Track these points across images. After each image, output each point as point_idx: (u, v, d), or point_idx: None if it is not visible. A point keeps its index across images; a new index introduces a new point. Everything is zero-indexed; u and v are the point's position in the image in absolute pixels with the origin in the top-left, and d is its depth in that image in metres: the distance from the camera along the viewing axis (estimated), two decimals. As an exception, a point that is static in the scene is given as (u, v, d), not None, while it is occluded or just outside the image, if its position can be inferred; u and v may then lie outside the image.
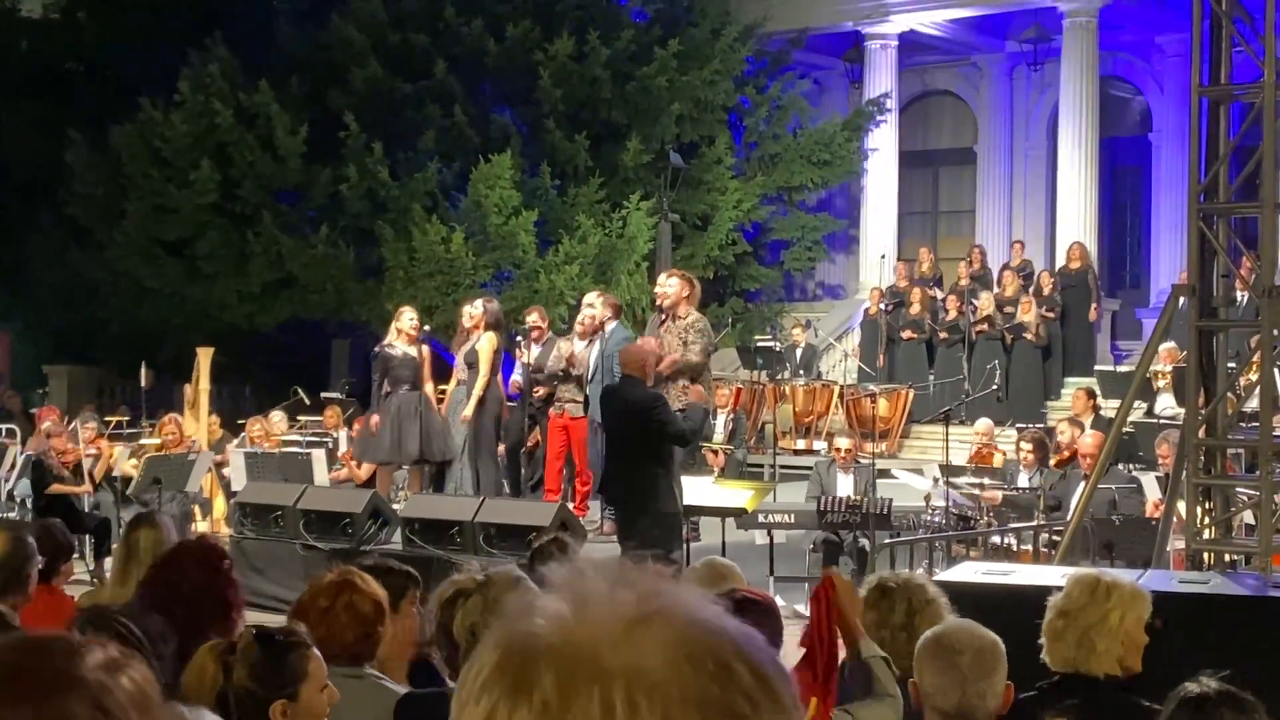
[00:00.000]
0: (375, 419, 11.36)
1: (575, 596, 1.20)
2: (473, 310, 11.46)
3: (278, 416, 14.02)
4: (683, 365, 9.96)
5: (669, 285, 10.33)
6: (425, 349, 11.66)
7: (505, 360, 11.72)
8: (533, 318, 11.77)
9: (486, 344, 11.21)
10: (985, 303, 17.86)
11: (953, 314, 18.13)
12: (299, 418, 14.80)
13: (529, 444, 12.04)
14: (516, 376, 11.54)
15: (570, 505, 10.50)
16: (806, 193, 21.53)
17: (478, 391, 11.09)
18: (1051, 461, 11.04)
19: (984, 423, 13.04)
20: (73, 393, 20.46)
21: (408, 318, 11.63)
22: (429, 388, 11.62)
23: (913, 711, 3.62)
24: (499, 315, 11.65)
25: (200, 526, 12.41)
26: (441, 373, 12.57)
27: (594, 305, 11.24)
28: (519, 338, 11.72)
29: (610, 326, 10.99)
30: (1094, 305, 18.43)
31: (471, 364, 11.23)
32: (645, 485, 8.20)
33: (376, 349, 11.73)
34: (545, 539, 5.33)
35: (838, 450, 10.96)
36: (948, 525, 9.94)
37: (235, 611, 4.17)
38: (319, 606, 3.76)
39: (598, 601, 1.19)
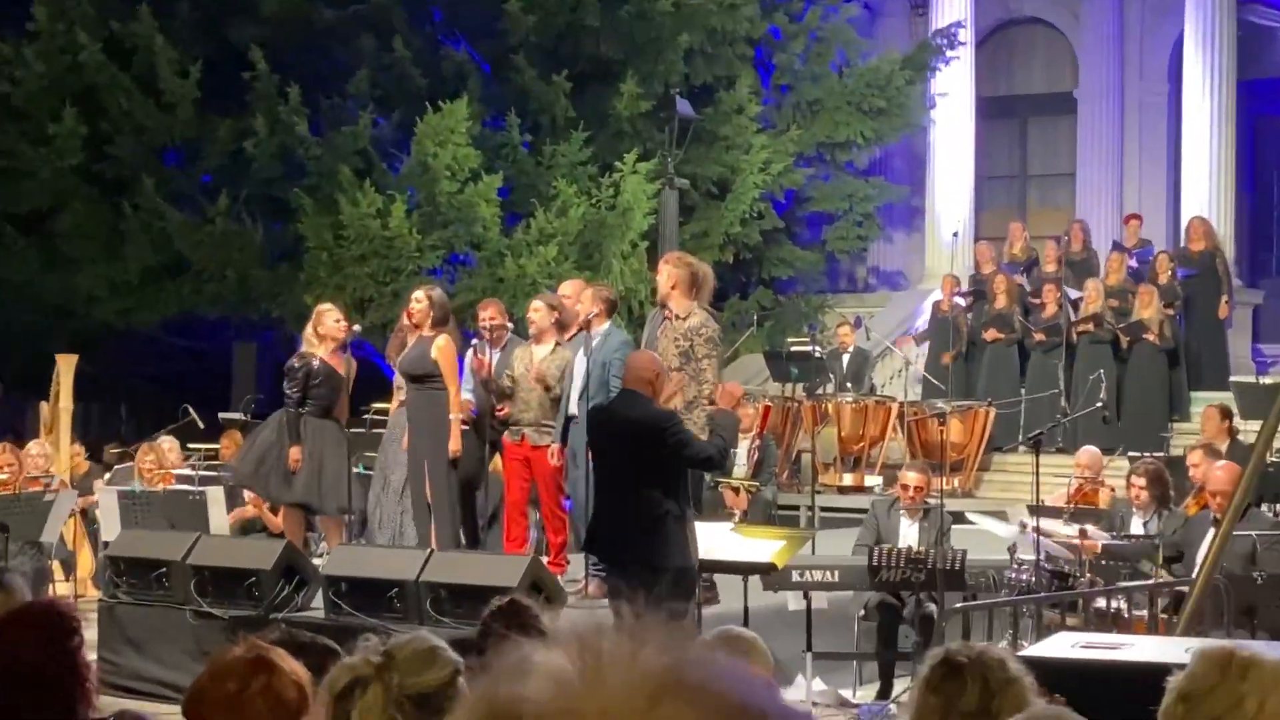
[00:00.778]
0: (296, 452, 11.34)
1: (587, 656, 1.19)
2: (416, 304, 11.46)
3: (169, 443, 14.02)
4: (699, 396, 9.84)
5: (659, 274, 10.31)
6: (351, 361, 11.66)
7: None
8: (487, 314, 11.75)
9: (447, 347, 11.19)
10: (1092, 294, 17.84)
11: (1050, 309, 18.13)
12: (190, 445, 14.81)
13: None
14: (468, 394, 11.56)
15: (544, 559, 10.51)
16: (856, 151, 21.54)
17: (456, 415, 11.07)
18: (1185, 504, 11.03)
19: (1087, 452, 13.06)
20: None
21: (331, 319, 11.62)
22: (342, 409, 11.62)
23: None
24: (448, 309, 11.65)
25: (60, 588, 12.41)
26: (373, 387, 12.57)
27: (539, 308, 11.23)
28: (475, 340, 11.71)
29: (602, 328, 10.97)
30: (1224, 298, 18.45)
31: (420, 375, 11.21)
32: (650, 531, 8.20)
33: (295, 360, 11.69)
34: (495, 604, 5.28)
35: (904, 488, 10.96)
36: (1039, 585, 9.95)
37: (82, 705, 4.08)
38: (226, 692, 3.66)
39: (615, 665, 1.18)
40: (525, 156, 19.01)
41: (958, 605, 9.57)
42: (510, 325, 12.12)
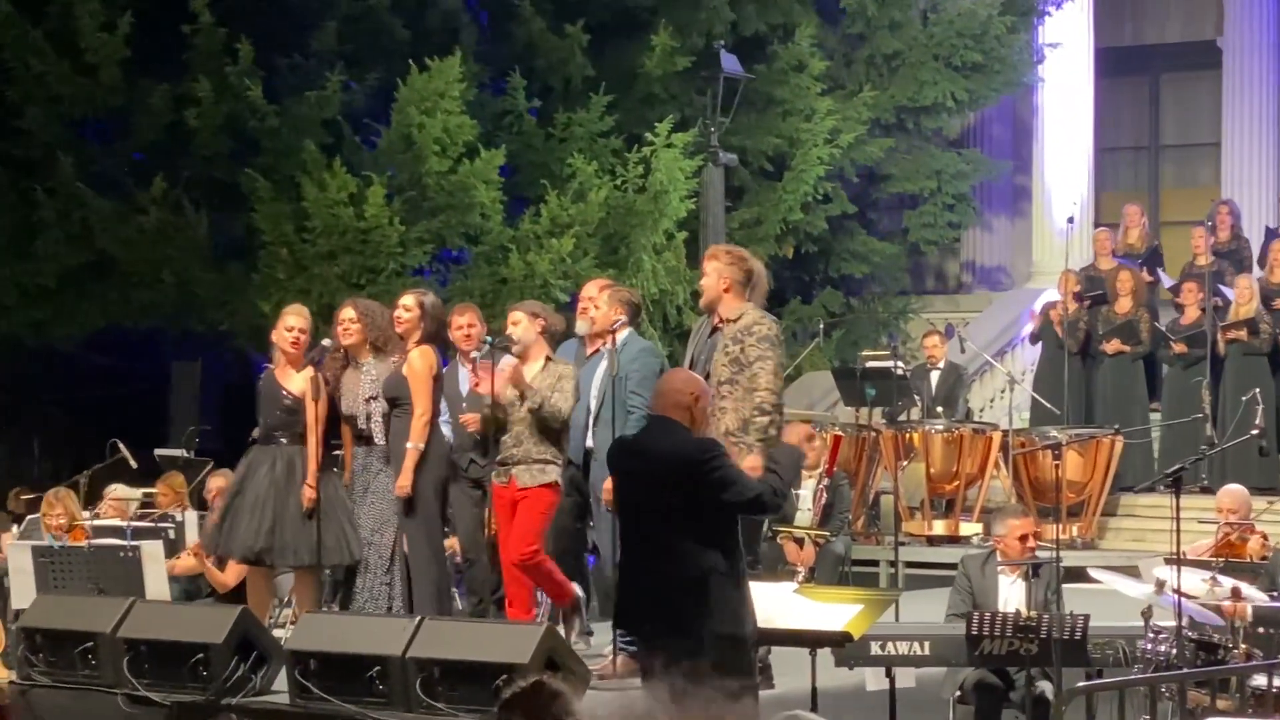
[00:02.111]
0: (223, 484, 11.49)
1: None
2: (405, 312, 11.47)
3: (116, 491, 14.03)
4: (755, 412, 9.75)
5: (704, 273, 10.28)
6: (313, 377, 11.67)
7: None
8: (465, 319, 11.78)
9: (420, 358, 11.19)
10: (1244, 293, 17.80)
11: (1190, 312, 18.09)
12: (122, 490, 14.87)
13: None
14: (447, 427, 11.60)
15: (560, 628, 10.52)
16: (945, 117, 21.54)
17: (416, 444, 11.08)
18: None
19: (1229, 492, 13.01)
20: None
21: (285, 324, 11.67)
22: (313, 437, 11.64)
23: None
24: (443, 320, 11.66)
25: (-39, 668, 12.46)
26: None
27: (520, 320, 11.19)
28: (474, 354, 11.70)
29: (621, 336, 11.00)
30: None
31: (397, 398, 11.24)
32: (690, 593, 8.19)
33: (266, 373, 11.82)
34: (519, 686, 5.31)
35: (1022, 538, 10.95)
36: (1181, 658, 9.93)
37: None
38: None
39: None
40: (533, 127, 19.02)
41: (1080, 685, 9.55)
42: (484, 331, 12.14)
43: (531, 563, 10.86)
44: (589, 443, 11.11)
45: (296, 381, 11.58)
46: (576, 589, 11.17)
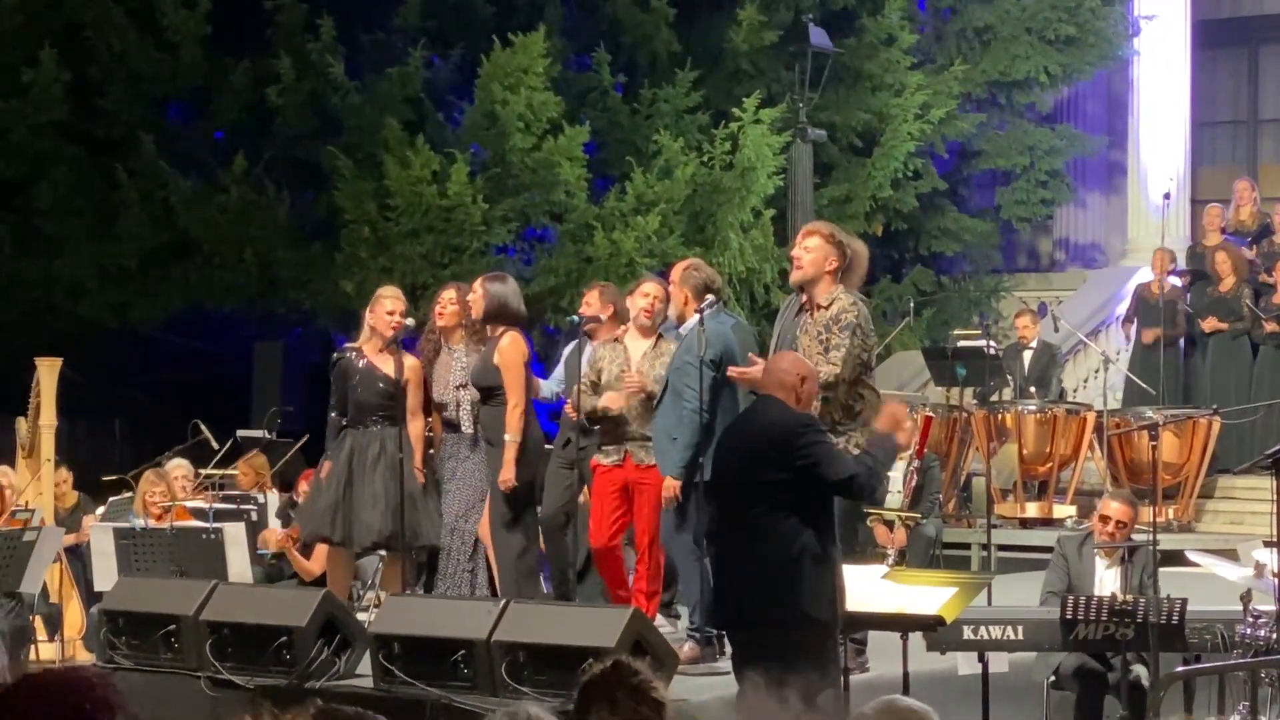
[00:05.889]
0: (327, 466, 11.54)
1: None
2: (474, 295, 11.48)
3: (181, 467, 14.09)
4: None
5: (804, 249, 10.21)
6: (410, 361, 11.71)
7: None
8: (594, 298, 11.74)
9: (511, 347, 11.20)
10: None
11: (1286, 291, 18.03)
12: (202, 471, 14.96)
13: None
14: (558, 385, 11.61)
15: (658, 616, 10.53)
16: (1038, 91, 21.42)
17: (512, 435, 11.06)
18: None
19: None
20: None
21: (385, 308, 11.68)
22: (417, 425, 11.68)
23: None
24: (517, 301, 11.58)
25: (45, 651, 12.53)
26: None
27: (659, 295, 11.07)
28: (585, 334, 11.56)
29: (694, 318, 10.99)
30: None
31: (487, 388, 11.22)
32: (781, 575, 8.17)
33: (337, 355, 11.84)
34: (601, 668, 5.31)
35: (1103, 520, 10.91)
36: (1282, 643, 9.86)
37: None
38: None
39: None
40: (618, 103, 19.01)
41: (1178, 670, 9.49)
42: (611, 312, 12.09)
43: (660, 550, 10.87)
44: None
45: (400, 367, 11.60)
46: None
